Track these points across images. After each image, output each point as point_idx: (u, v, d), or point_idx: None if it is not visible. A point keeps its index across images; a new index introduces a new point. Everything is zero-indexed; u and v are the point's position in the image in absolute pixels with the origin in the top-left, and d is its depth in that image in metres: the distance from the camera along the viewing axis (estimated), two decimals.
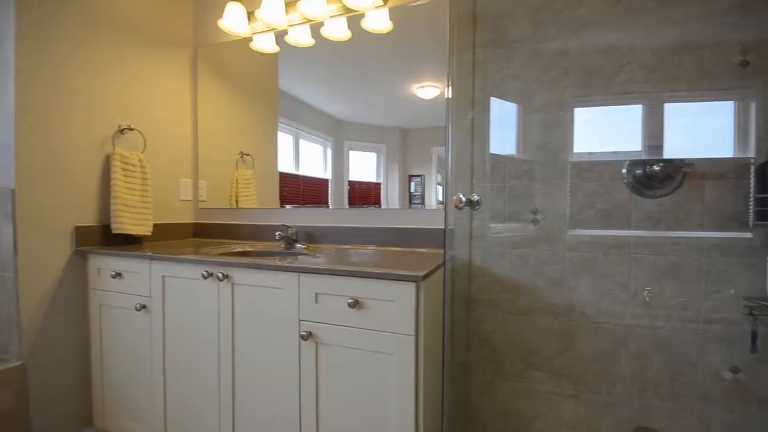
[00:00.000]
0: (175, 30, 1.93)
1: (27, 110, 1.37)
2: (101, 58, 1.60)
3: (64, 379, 1.50)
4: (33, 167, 1.39)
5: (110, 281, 1.48)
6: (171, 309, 1.36)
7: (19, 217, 1.36)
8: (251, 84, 1.91)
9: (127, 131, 1.69)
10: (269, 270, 1.17)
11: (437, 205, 1.55)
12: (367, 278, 1.02)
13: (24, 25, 1.36)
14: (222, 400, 1.27)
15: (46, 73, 1.42)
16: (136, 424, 1.46)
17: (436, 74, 1.51)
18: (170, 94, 1.92)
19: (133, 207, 1.63)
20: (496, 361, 1.46)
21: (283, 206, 1.84)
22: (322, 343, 1.09)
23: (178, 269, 1.33)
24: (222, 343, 1.26)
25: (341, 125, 1.72)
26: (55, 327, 1.47)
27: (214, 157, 2.01)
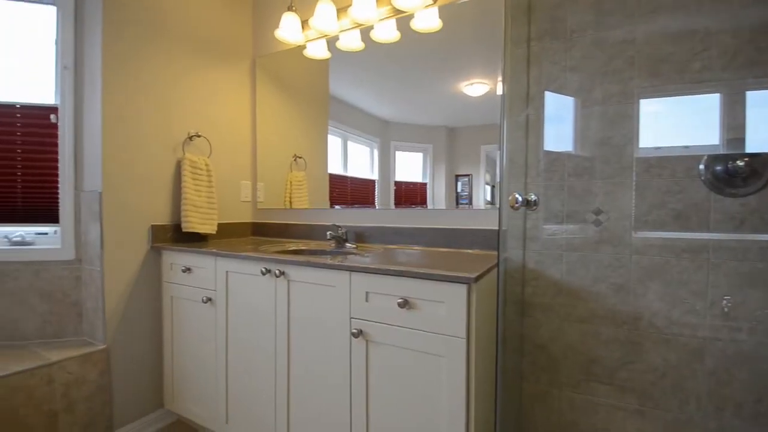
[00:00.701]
0: (236, 42, 2.07)
1: (111, 124, 1.55)
2: (172, 71, 1.76)
3: (140, 363, 1.66)
4: (116, 173, 1.56)
5: (181, 275, 1.62)
6: (233, 302, 1.46)
7: (105, 217, 1.53)
8: (304, 90, 1.99)
9: (195, 138, 1.84)
10: (322, 268, 1.21)
11: (485, 205, 1.51)
12: (416, 278, 1.02)
13: (109, 50, 1.54)
14: (278, 390, 1.33)
15: (125, 89, 1.59)
16: (200, 409, 1.58)
17: (485, 70, 1.48)
18: (232, 102, 2.06)
19: (200, 207, 1.77)
20: (551, 369, 1.39)
21: (333, 206, 1.90)
22: (372, 341, 1.11)
23: (239, 265, 1.42)
24: (278, 336, 1.33)
25: (388, 126, 1.74)
26: (134, 316, 1.64)
27: (270, 160, 2.12)
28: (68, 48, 1.56)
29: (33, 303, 1.57)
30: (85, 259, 1.60)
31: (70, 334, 1.62)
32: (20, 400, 1.31)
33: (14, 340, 1.56)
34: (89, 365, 1.48)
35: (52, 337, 1.60)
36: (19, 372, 1.31)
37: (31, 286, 1.57)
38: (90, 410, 1.48)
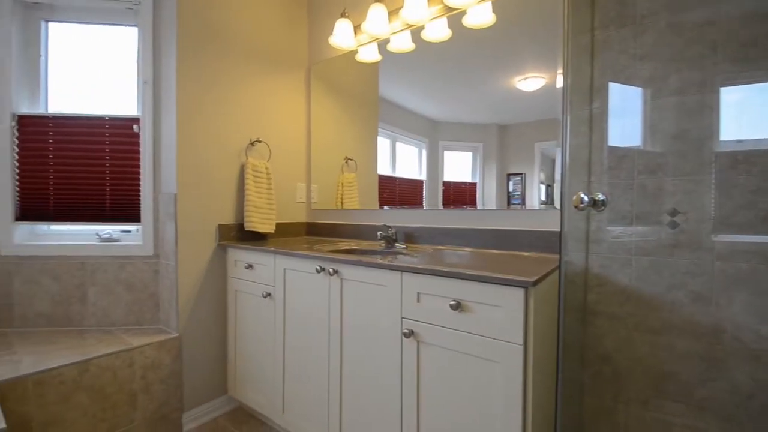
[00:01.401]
0: (293, 52, 2.17)
1: (184, 133, 1.69)
2: (237, 82, 1.89)
3: (207, 352, 1.80)
4: (188, 177, 1.71)
5: (244, 271, 1.73)
6: (290, 298, 1.53)
7: (179, 217, 1.68)
8: (355, 93, 2.04)
9: (256, 143, 1.96)
10: (374, 267, 1.23)
11: (540, 205, 1.44)
12: (470, 281, 1.00)
13: (182, 66, 1.69)
14: (331, 384, 1.38)
15: (196, 101, 1.74)
16: (259, 397, 1.67)
17: (541, 64, 1.41)
18: (289, 109, 2.16)
19: (261, 208, 1.88)
20: (617, 383, 1.29)
21: (382, 207, 1.92)
22: (423, 342, 1.11)
23: (296, 263, 1.49)
24: (332, 332, 1.37)
25: (437, 126, 1.72)
26: (202, 307, 1.78)
27: (323, 162, 2.20)
28: (147, 64, 1.74)
29: (119, 293, 1.77)
30: (162, 255, 1.77)
31: (148, 322, 1.80)
32: (107, 379, 1.48)
33: (102, 325, 1.77)
34: (164, 351, 1.64)
35: (134, 324, 1.79)
36: (108, 354, 1.48)
37: (117, 278, 1.77)
38: (164, 392, 1.64)
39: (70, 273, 1.74)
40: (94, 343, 1.57)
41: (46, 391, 1.32)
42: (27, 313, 1.73)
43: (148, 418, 1.58)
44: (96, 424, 1.44)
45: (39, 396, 1.31)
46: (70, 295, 1.75)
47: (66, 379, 1.37)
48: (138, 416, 1.55)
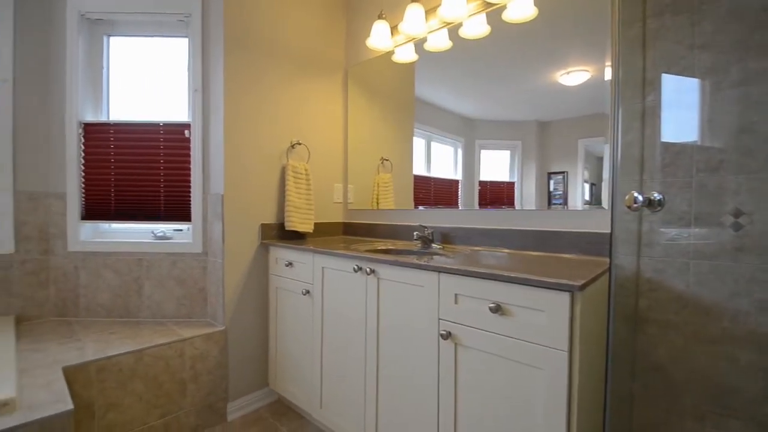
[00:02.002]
0: (331, 56, 2.22)
1: (230, 137, 1.78)
2: (278, 88, 1.96)
3: (250, 345, 1.88)
4: (234, 179, 1.80)
5: (284, 269, 1.80)
6: (328, 296, 1.57)
7: (227, 217, 1.77)
8: (391, 94, 2.05)
9: (296, 146, 2.02)
10: (411, 268, 1.23)
11: (584, 205, 1.37)
12: (511, 283, 0.98)
13: (229, 75, 1.77)
14: (367, 382, 1.39)
15: (241, 107, 1.82)
16: (298, 391, 1.73)
17: (586, 57, 1.34)
18: (327, 111, 2.21)
19: (300, 208, 1.94)
20: (671, 396, 1.21)
21: (417, 207, 1.92)
22: (461, 344, 1.10)
23: (334, 262, 1.52)
24: (368, 331, 1.39)
25: (473, 124, 1.69)
26: (246, 303, 1.86)
27: (359, 163, 2.23)
28: (197, 73, 1.85)
29: (171, 288, 1.90)
30: (210, 252, 1.87)
31: (197, 316, 1.91)
32: (161, 368, 1.58)
33: (156, 317, 1.90)
34: (211, 343, 1.73)
35: (184, 317, 1.91)
36: (161, 345, 1.59)
37: (169, 273, 1.89)
38: (211, 382, 1.73)
39: (128, 268, 1.88)
40: (148, 334, 1.69)
41: (106, 377, 1.44)
42: (90, 304, 1.89)
43: (196, 405, 1.68)
44: (149, 410, 1.55)
45: (100, 381, 1.43)
46: (129, 288, 1.89)
47: (124, 367, 1.48)
48: (187, 404, 1.65)
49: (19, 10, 1.79)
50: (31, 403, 1.11)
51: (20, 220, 1.81)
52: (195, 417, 1.68)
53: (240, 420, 1.79)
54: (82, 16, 1.84)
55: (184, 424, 1.64)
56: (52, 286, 1.88)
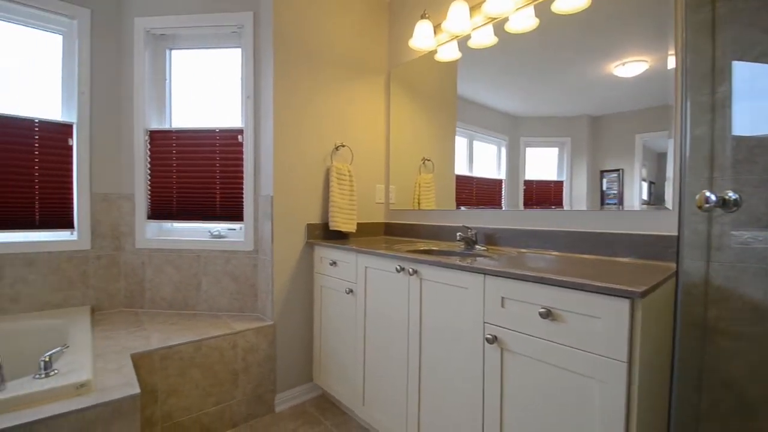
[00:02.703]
0: (373, 59, 2.25)
1: (280, 141, 1.86)
2: (323, 93, 2.02)
3: (296, 341, 1.96)
4: (283, 181, 1.88)
5: (329, 268, 1.85)
6: (371, 295, 1.59)
7: (275, 217, 1.86)
8: (433, 94, 2.04)
9: (340, 148, 2.08)
10: (455, 269, 1.21)
11: (641, 205, 1.28)
12: (564, 288, 0.94)
13: (278, 82, 1.85)
14: (410, 383, 1.40)
15: (290, 112, 1.89)
16: (342, 388, 1.77)
17: (644, 46, 1.25)
18: (369, 113, 2.24)
19: (343, 209, 1.99)
20: (746, 415, 1.09)
21: (458, 208, 1.89)
22: (508, 349, 1.07)
23: (376, 262, 1.54)
24: (411, 332, 1.39)
25: (517, 122, 1.63)
26: (293, 299, 1.94)
27: (401, 164, 2.23)
28: (249, 81, 1.95)
29: (225, 283, 2.02)
30: (260, 250, 1.97)
31: (248, 310, 2.02)
32: (216, 358, 1.69)
33: (212, 311, 2.03)
34: (261, 336, 1.82)
35: (237, 311, 2.02)
36: (216, 336, 1.69)
37: (224, 270, 2.01)
38: (260, 374, 1.82)
39: (188, 264, 2.03)
40: (205, 326, 1.81)
41: (168, 364, 1.56)
42: (155, 297, 2.06)
43: (247, 396, 1.77)
44: (205, 398, 1.65)
45: (163, 368, 1.55)
46: (188, 283, 2.04)
47: (184, 356, 1.60)
48: (239, 393, 1.75)
49: (95, 29, 1.99)
50: (104, 385, 1.23)
51: (96, 220, 2.01)
52: (246, 406, 1.77)
53: (287, 412, 1.87)
54: (147, 32, 2.01)
55: (236, 412, 1.74)
56: (122, 280, 2.07)
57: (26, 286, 1.83)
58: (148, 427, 1.49)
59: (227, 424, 1.72)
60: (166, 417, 1.54)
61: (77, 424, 1.09)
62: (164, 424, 1.54)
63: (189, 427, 1.60)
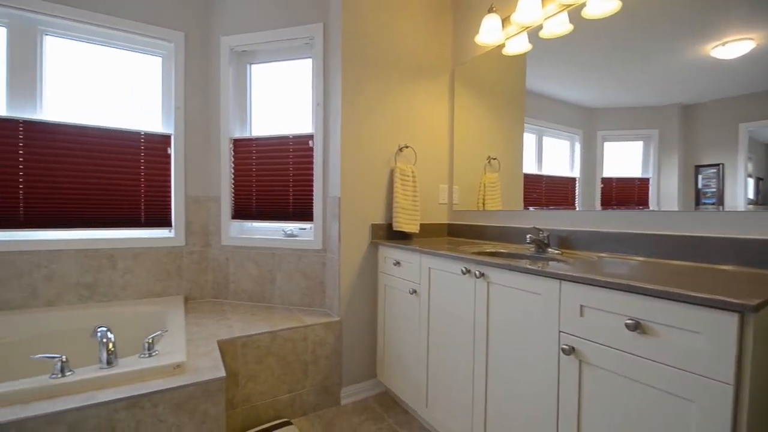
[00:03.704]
0: (437, 58, 2.23)
1: (346, 145, 1.93)
2: (387, 95, 2.05)
3: (360, 337, 2.01)
4: (349, 182, 1.95)
5: (392, 267, 1.87)
6: (435, 296, 1.58)
7: (342, 217, 1.93)
8: (499, 90, 1.96)
9: (404, 149, 2.10)
10: (526, 273, 1.16)
11: (747, 205, 1.10)
12: (655, 297, 0.84)
13: (345, 89, 1.92)
14: (475, 389, 1.36)
15: (356, 117, 1.96)
16: (405, 387, 1.78)
17: (751, 22, 1.08)
18: (433, 113, 2.23)
19: (407, 209, 2.00)
20: None
21: (527, 208, 1.79)
22: (587, 362, 0.99)
23: (441, 263, 1.53)
24: (477, 336, 1.35)
25: (594, 114, 1.50)
26: (358, 297, 2.00)
27: (465, 163, 2.19)
28: (319, 88, 2.05)
29: (297, 280, 2.15)
30: (329, 249, 2.06)
31: (317, 306, 2.12)
32: (288, 349, 1.80)
33: (285, 305, 2.17)
34: (329, 331, 1.91)
35: (307, 306, 2.14)
36: (289, 328, 1.81)
37: (296, 267, 2.14)
38: (327, 367, 1.90)
39: (265, 260, 2.20)
40: (279, 318, 1.94)
41: (248, 351, 1.70)
42: (237, 289, 2.26)
43: (315, 386, 1.87)
44: (279, 385, 1.78)
45: (243, 355, 1.69)
46: (265, 278, 2.20)
47: (261, 344, 1.73)
48: (308, 384, 1.85)
49: (188, 50, 2.25)
50: (195, 367, 1.39)
51: (189, 220, 2.27)
52: (314, 396, 1.87)
53: (351, 406, 1.93)
54: (231, 49, 2.22)
55: (305, 401, 1.84)
56: (210, 273, 2.31)
57: (133, 276, 2.13)
58: (230, 408, 1.65)
59: (298, 412, 1.82)
60: (245, 400, 1.69)
61: (173, 399, 1.24)
62: (243, 406, 1.68)
63: (264, 411, 1.74)
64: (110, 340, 1.28)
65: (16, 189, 1.87)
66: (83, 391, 1.18)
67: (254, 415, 1.71)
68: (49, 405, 1.10)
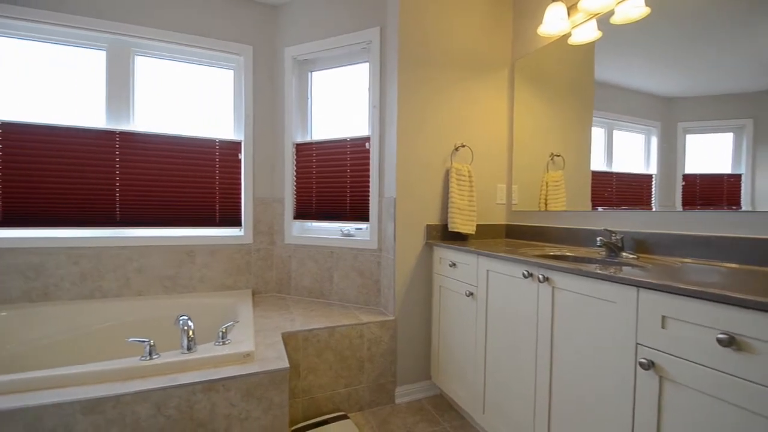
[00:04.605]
0: (495, 53, 2.16)
1: (402, 146, 1.94)
2: (442, 95, 2.03)
3: (415, 338, 2.01)
4: (404, 183, 1.96)
5: (447, 269, 1.85)
6: (493, 300, 1.53)
7: (398, 218, 1.95)
8: (563, 83, 1.84)
9: (460, 148, 2.06)
10: (598, 279, 1.07)
11: None
12: (756, 310, 0.74)
13: (401, 91, 1.94)
14: (538, 398, 1.29)
15: (411, 119, 1.96)
16: (460, 391, 1.74)
17: None
18: (490, 110, 2.16)
19: (463, 210, 1.96)
20: None
21: (595, 208, 1.66)
22: (669, 379, 0.89)
23: (500, 266, 1.48)
24: (540, 344, 1.29)
25: (673, 104, 1.35)
26: (412, 298, 2.00)
27: (525, 161, 2.09)
28: (376, 91, 2.09)
29: (353, 278, 2.21)
30: (384, 249, 2.09)
31: (372, 304, 2.16)
32: (345, 345, 1.85)
33: (342, 302, 2.24)
34: (384, 330, 1.93)
35: (363, 304, 2.19)
36: (347, 325, 1.86)
37: (352, 265, 2.20)
38: (382, 364, 1.93)
39: (323, 258, 2.29)
40: (337, 315, 2.01)
41: (309, 345, 1.78)
42: (298, 285, 2.38)
43: (370, 384, 1.90)
44: (336, 379, 1.84)
45: (305, 348, 1.78)
46: (323, 275, 2.30)
47: (321, 339, 1.81)
48: (364, 380, 1.89)
49: (255, 61, 2.41)
50: (262, 357, 1.48)
51: (256, 219, 2.43)
52: (369, 393, 1.90)
53: (405, 405, 1.94)
54: (294, 59, 2.34)
55: (361, 397, 1.89)
56: (274, 270, 2.46)
57: (209, 270, 2.33)
58: (291, 397, 1.74)
59: (354, 407, 1.87)
60: (306, 391, 1.77)
61: (243, 386, 1.34)
62: (304, 397, 1.77)
63: (323, 404, 1.81)
64: (190, 328, 1.42)
65: (113, 192, 2.14)
66: (167, 373, 1.32)
67: (314, 406, 1.79)
68: (140, 384, 1.25)
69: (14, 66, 2.01)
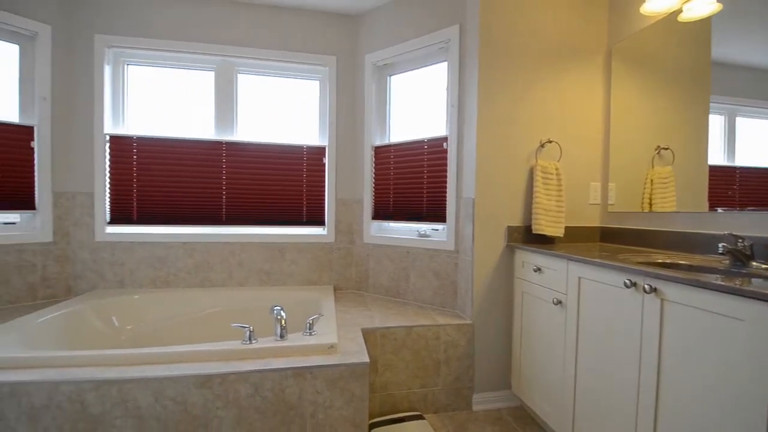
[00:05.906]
0: (587, 38, 1.98)
1: (482, 145, 1.88)
2: (526, 89, 1.92)
3: (494, 344, 1.93)
4: (484, 183, 1.89)
5: (531, 274, 1.74)
6: (586, 310, 1.40)
7: (476, 219, 1.89)
8: (672, 66, 1.61)
9: (546, 144, 1.93)
10: (722, 292, 0.92)
11: None
12: None
13: (482, 89, 1.88)
14: (640, 421, 1.15)
15: (492, 117, 1.89)
16: (545, 405, 1.62)
17: None
18: (581, 102, 1.99)
19: (549, 211, 1.83)
20: None
21: (713, 209, 1.42)
22: None
23: (595, 273, 1.35)
24: (644, 363, 1.14)
25: None
26: (491, 302, 1.93)
27: (624, 157, 1.87)
28: (454, 90, 2.06)
29: (429, 278, 2.20)
30: (461, 250, 2.05)
31: (448, 306, 2.14)
32: (421, 345, 1.86)
33: (417, 302, 2.25)
34: (460, 333, 1.89)
35: (438, 305, 2.17)
36: (423, 325, 1.87)
37: (428, 266, 2.20)
38: (459, 369, 1.89)
39: (400, 258, 2.33)
40: (413, 314, 2.02)
41: (386, 342, 1.83)
42: (375, 284, 2.45)
43: (446, 387, 1.88)
44: (412, 378, 1.85)
45: (382, 345, 1.82)
46: (399, 275, 2.33)
47: (398, 337, 1.84)
48: (440, 382, 1.87)
49: (339, 70, 2.55)
50: (344, 350, 1.56)
51: (338, 219, 2.57)
52: (445, 396, 1.88)
53: (483, 413, 1.87)
54: (374, 65, 2.42)
55: (437, 399, 1.87)
56: (353, 267, 2.58)
57: (297, 266, 2.53)
58: (370, 392, 1.80)
59: (430, 408, 1.87)
60: (383, 387, 1.82)
61: (328, 375, 1.42)
62: (381, 392, 1.81)
63: (400, 401, 1.84)
64: (283, 318, 1.56)
65: (220, 195, 2.44)
66: (264, 357, 1.46)
67: (390, 402, 1.83)
68: (240, 365, 1.40)
69: (143, 88, 2.41)
